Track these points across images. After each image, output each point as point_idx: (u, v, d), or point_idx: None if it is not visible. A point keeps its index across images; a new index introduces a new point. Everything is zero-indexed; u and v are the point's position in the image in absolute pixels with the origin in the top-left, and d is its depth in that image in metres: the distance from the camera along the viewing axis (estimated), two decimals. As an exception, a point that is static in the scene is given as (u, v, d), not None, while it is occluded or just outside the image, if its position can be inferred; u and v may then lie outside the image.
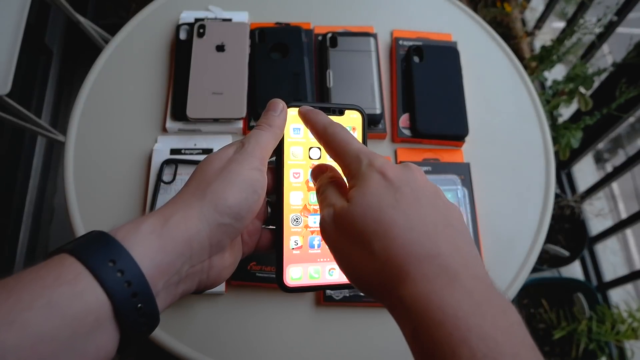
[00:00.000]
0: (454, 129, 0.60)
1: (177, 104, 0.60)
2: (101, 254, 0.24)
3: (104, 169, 0.58)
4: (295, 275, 0.34)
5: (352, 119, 0.37)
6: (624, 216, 1.42)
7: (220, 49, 0.62)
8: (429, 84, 0.62)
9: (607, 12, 1.01)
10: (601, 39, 1.08)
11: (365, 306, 0.52)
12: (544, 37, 1.39)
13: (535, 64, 1.14)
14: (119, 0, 1.46)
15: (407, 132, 0.61)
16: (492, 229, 0.57)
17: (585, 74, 0.99)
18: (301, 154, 0.36)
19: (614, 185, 1.64)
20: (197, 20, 0.65)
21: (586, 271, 1.28)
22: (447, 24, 0.70)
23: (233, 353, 0.50)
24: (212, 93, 0.59)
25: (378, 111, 0.60)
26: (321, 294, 0.52)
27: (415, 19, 0.70)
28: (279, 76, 0.61)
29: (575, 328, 1.03)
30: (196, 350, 0.49)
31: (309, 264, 0.35)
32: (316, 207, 0.35)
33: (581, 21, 1.06)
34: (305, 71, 0.61)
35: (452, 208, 0.29)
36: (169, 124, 0.60)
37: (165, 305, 0.28)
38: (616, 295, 1.22)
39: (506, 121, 0.64)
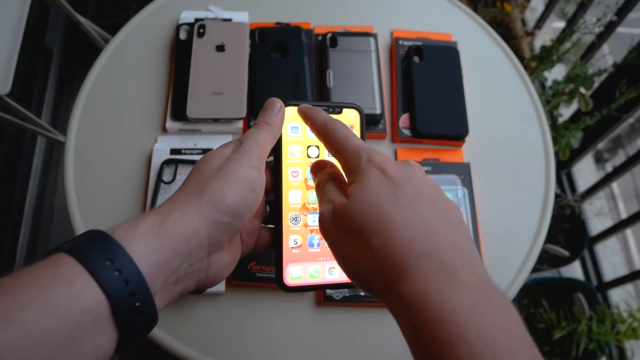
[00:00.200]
0: (454, 129, 0.60)
1: (177, 104, 0.60)
2: (99, 253, 0.24)
3: (104, 169, 0.58)
4: (294, 274, 0.34)
5: (350, 117, 0.37)
6: (624, 216, 1.42)
7: (220, 49, 0.62)
8: (429, 84, 0.62)
9: (607, 12, 1.01)
10: (601, 39, 1.08)
11: (365, 306, 0.52)
12: (544, 37, 1.39)
13: (535, 64, 1.14)
14: (119, 0, 1.46)
15: (407, 132, 0.61)
16: (492, 229, 0.57)
17: (585, 74, 0.99)
18: (299, 152, 0.36)
19: (614, 185, 1.64)
20: (197, 20, 0.65)
21: (586, 271, 1.28)
22: (447, 24, 0.70)
23: (233, 353, 0.50)
24: (212, 93, 0.59)
25: (378, 111, 0.60)
26: (321, 294, 0.52)
27: (415, 19, 0.70)
28: (279, 76, 0.61)
29: (575, 328, 1.03)
30: (196, 350, 0.49)
31: (308, 263, 0.34)
32: (315, 206, 0.35)
33: (581, 21, 1.06)
34: (305, 71, 0.61)
35: (452, 205, 0.29)
36: (169, 124, 0.60)
37: (163, 304, 0.27)
38: (616, 295, 1.22)
39: (506, 121, 0.64)
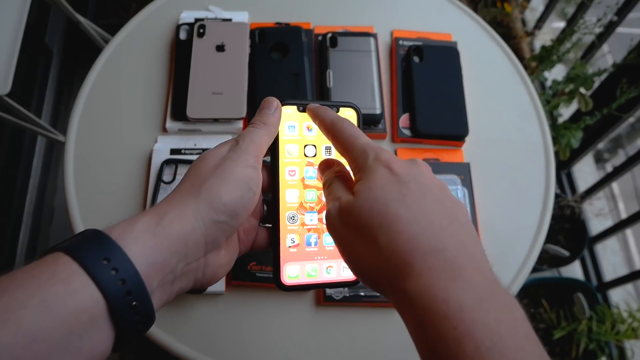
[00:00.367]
0: (454, 129, 0.60)
1: (177, 104, 0.60)
2: (95, 252, 0.24)
3: (104, 169, 0.58)
4: (292, 273, 0.34)
5: (347, 116, 0.37)
6: (624, 216, 1.42)
7: (220, 49, 0.62)
8: (429, 84, 0.62)
9: (607, 11, 1.01)
10: (601, 39, 1.08)
11: (365, 306, 0.52)
12: (544, 37, 1.39)
13: (535, 64, 1.14)
14: (119, 0, 1.46)
15: (407, 132, 0.61)
16: (492, 229, 0.57)
17: (585, 74, 0.99)
18: (296, 151, 0.36)
19: (614, 185, 1.64)
20: (197, 20, 0.65)
21: (586, 271, 1.28)
22: (447, 24, 0.70)
23: (233, 353, 0.50)
24: (212, 93, 0.59)
25: (378, 111, 0.60)
26: (321, 294, 0.52)
27: (415, 19, 0.70)
28: (279, 76, 0.61)
29: (575, 328, 1.03)
30: (196, 349, 0.49)
31: (306, 262, 0.34)
32: (312, 205, 0.35)
33: (581, 21, 1.06)
34: (305, 71, 0.61)
35: (458, 204, 0.29)
36: (169, 124, 0.60)
37: (161, 303, 0.28)
38: (616, 295, 1.22)
39: (506, 121, 0.64)
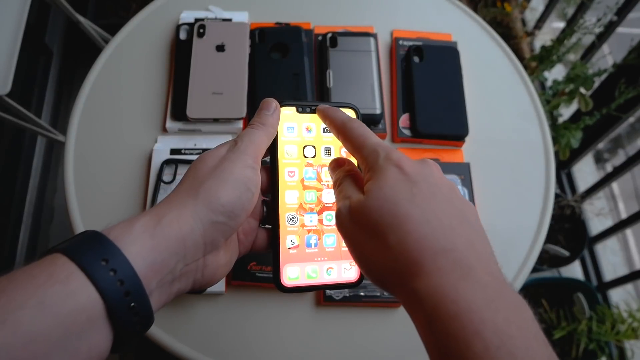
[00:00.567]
0: (454, 129, 0.60)
1: (177, 104, 0.60)
2: (94, 253, 0.24)
3: (104, 169, 0.58)
4: (292, 274, 0.34)
5: None
6: (624, 216, 1.42)
7: (220, 49, 0.62)
8: (429, 84, 0.62)
9: (607, 11, 1.01)
10: (601, 39, 1.08)
11: (365, 306, 0.52)
12: (544, 37, 1.39)
13: (535, 64, 1.14)
14: (118, 0, 1.46)
15: (407, 132, 0.61)
16: (492, 229, 0.57)
17: (585, 74, 0.99)
18: (296, 152, 0.36)
19: (614, 185, 1.64)
20: (197, 20, 0.65)
21: (586, 271, 1.28)
22: (447, 24, 0.70)
23: (233, 353, 0.50)
24: (212, 93, 0.59)
25: (378, 111, 0.60)
26: (321, 294, 0.52)
27: (415, 19, 0.70)
28: (279, 76, 0.61)
29: (575, 328, 1.03)
30: (196, 349, 0.49)
31: (306, 263, 0.34)
32: (312, 206, 0.35)
33: (581, 21, 1.06)
34: (305, 71, 0.61)
35: (468, 204, 0.30)
36: (169, 124, 0.60)
37: (159, 304, 0.28)
38: (616, 295, 1.22)
39: (506, 121, 0.64)
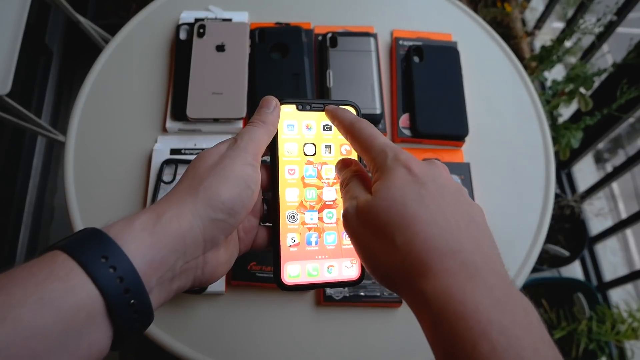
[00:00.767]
0: (454, 129, 0.60)
1: (177, 104, 0.60)
2: (93, 251, 0.24)
3: (104, 169, 0.58)
4: (293, 272, 0.34)
5: None
6: (624, 216, 1.42)
7: (220, 49, 0.62)
8: (429, 84, 0.62)
9: (607, 11, 1.01)
10: (601, 39, 1.08)
11: (365, 306, 0.52)
12: (544, 37, 1.39)
13: (535, 64, 1.14)
14: (118, 0, 1.46)
15: (407, 132, 0.61)
16: (492, 229, 0.56)
17: (585, 74, 0.99)
18: (296, 150, 0.36)
19: (614, 185, 1.64)
20: (197, 20, 0.65)
21: (586, 271, 1.28)
22: (447, 24, 0.70)
23: (233, 353, 0.50)
24: (212, 93, 0.59)
25: (378, 111, 0.60)
26: (321, 294, 0.52)
27: (415, 19, 0.70)
28: (279, 76, 0.61)
29: (575, 328, 1.03)
30: (196, 349, 0.49)
31: (307, 261, 0.34)
32: (312, 204, 0.35)
33: (581, 21, 1.06)
34: (305, 71, 0.61)
35: (475, 206, 0.30)
36: (169, 124, 0.60)
37: (159, 301, 0.28)
38: (616, 295, 1.22)
39: (506, 121, 0.64)
